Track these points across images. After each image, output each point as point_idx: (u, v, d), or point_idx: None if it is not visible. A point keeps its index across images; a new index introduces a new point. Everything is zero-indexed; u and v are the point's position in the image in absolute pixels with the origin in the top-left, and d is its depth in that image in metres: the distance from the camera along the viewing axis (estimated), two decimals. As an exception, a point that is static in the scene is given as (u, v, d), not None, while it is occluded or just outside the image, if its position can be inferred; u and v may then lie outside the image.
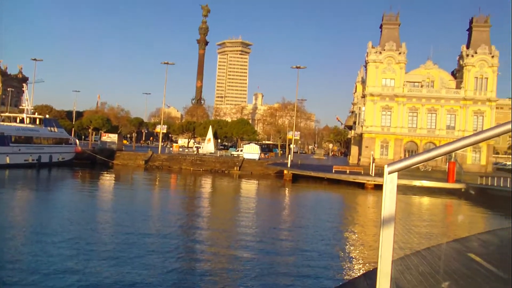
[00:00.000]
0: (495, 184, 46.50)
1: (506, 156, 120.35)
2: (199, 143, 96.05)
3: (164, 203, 39.38)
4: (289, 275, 17.69)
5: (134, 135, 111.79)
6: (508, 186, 43.93)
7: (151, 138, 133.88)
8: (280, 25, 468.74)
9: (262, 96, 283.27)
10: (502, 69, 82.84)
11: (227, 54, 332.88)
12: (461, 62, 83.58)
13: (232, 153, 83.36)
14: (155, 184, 55.32)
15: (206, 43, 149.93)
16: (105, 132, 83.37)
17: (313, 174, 57.97)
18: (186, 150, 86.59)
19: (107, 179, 56.53)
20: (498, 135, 2.64)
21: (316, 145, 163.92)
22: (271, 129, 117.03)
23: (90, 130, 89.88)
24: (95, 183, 51.69)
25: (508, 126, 2.62)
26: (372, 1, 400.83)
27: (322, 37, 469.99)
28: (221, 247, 22.29)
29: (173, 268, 17.71)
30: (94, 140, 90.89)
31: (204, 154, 77.73)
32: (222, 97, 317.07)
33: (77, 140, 76.36)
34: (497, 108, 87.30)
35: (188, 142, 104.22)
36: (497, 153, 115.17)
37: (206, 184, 57.04)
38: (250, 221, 30.37)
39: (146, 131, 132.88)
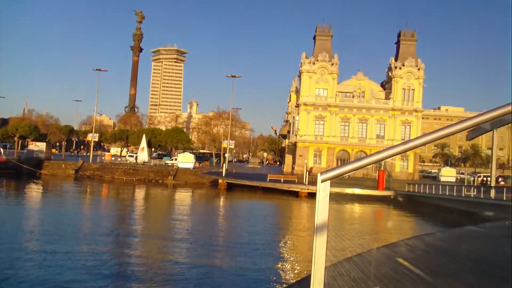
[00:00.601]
0: (421, 191, 48.53)
1: (431, 164, 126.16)
2: (132, 152, 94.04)
3: (95, 215, 38.11)
4: (224, 285, 17.61)
5: (63, 143, 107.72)
6: (433, 192, 46.01)
7: (82, 146, 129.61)
8: (216, 33, 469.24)
9: (197, 104, 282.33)
10: (428, 81, 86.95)
11: (162, 62, 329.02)
12: (390, 74, 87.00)
13: (166, 162, 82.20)
14: (85, 195, 53.56)
15: (141, 50, 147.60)
16: (32, 140, 79.80)
17: (247, 183, 58.15)
18: (119, 159, 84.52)
19: (34, 190, 54.10)
20: (424, 144, 2.76)
21: (251, 154, 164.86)
22: (206, 138, 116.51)
23: (16, 139, 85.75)
24: (20, 194, 49.33)
25: (433, 136, 2.75)
26: (306, 12, 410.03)
27: (257, 46, 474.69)
28: (154, 259, 21.87)
29: (104, 281, 17.18)
30: (21, 149, 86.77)
31: (139, 163, 76.30)
32: (156, 105, 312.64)
33: (1, 149, 72.66)
34: (423, 118, 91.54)
35: (121, 151, 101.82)
36: (423, 161, 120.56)
37: (139, 194, 55.89)
38: (184, 232, 30.03)
39: (76, 140, 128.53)
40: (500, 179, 74.86)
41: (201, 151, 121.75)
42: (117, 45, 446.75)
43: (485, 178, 70.49)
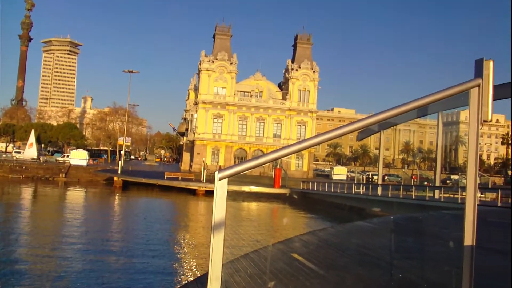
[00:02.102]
0: (315, 189, 50.49)
1: (324, 162, 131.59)
2: (19, 147, 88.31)
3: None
4: (119, 287, 17.10)
5: None
6: (326, 190, 48.00)
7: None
8: (112, 27, 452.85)
9: (92, 99, 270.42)
10: (322, 84, 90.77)
11: (54, 53, 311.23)
12: (286, 75, 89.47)
13: (58, 159, 78.23)
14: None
15: (30, 39, 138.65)
16: None
17: (144, 180, 56.99)
18: (4, 156, 78.87)
19: None
20: (318, 143, 2.88)
21: (148, 151, 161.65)
22: (100, 134, 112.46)
23: None
24: None
25: (326, 136, 2.87)
26: (206, 10, 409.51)
27: (156, 42, 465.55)
28: (43, 262, 20.68)
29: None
30: None
31: (25, 160, 71.78)
32: (47, 99, 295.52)
33: None
34: (317, 119, 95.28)
35: (7, 146, 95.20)
36: (317, 160, 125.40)
37: (27, 192, 52.61)
38: (76, 233, 28.64)
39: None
40: (386, 177, 79.98)
41: (96, 148, 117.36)
42: (3, 33, 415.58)
43: (372, 176, 74.83)
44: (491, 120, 3.59)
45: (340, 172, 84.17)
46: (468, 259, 3.78)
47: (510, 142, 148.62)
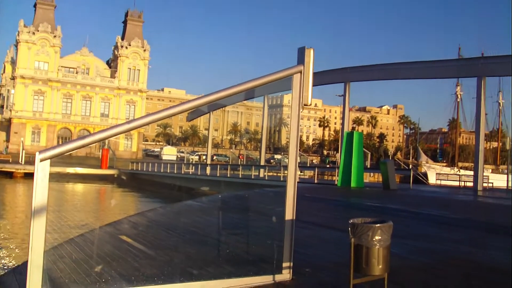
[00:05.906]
0: (145, 169, 50.06)
1: (154, 143, 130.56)
2: None
3: None
4: None
5: None
6: (156, 170, 47.80)
7: None
8: None
9: None
10: (153, 63, 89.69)
11: None
12: (116, 53, 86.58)
13: None
14: None
15: None
16: None
17: (-51, 164, 50.81)
18: None
19: None
20: (148, 123, 2.85)
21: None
22: None
23: None
24: None
25: (157, 116, 2.86)
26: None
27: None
28: None
29: None
30: None
31: None
32: None
33: None
34: (147, 98, 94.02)
35: None
36: (147, 140, 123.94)
37: None
38: None
39: None
40: (214, 157, 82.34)
41: None
42: None
43: (202, 156, 76.51)
44: (310, 104, 3.91)
45: (170, 153, 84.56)
46: (289, 232, 4.10)
47: (326, 125, 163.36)
